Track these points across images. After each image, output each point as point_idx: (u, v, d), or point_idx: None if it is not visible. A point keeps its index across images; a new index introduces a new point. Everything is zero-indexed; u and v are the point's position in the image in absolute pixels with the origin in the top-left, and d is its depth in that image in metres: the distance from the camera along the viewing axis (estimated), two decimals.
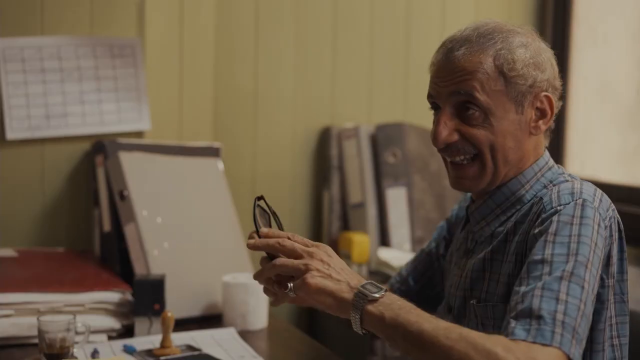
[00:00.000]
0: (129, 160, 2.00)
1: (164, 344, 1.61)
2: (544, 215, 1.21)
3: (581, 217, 1.19)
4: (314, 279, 1.20)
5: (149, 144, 2.09)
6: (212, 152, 2.18)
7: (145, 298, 1.76)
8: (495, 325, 1.25)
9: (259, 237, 1.28)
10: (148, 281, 1.78)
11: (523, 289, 1.14)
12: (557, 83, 1.33)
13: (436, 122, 1.30)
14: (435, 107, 1.33)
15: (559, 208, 1.20)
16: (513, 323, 1.11)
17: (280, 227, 1.33)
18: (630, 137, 2.53)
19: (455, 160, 1.31)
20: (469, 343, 1.08)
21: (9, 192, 2.08)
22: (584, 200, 1.21)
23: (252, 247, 1.27)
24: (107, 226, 2.01)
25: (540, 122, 1.30)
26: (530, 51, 1.29)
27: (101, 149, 2.03)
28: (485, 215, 1.34)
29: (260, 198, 1.33)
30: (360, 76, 2.51)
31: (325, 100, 2.48)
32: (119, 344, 1.67)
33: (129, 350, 1.62)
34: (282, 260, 1.24)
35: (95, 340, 1.68)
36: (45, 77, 2.09)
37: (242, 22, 2.37)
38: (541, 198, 1.26)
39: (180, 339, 1.69)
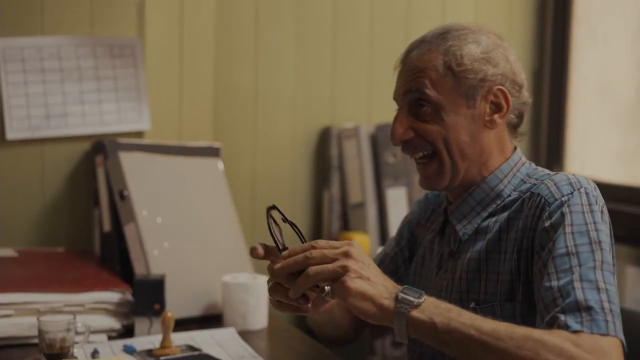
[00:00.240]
0: (129, 160, 2.00)
1: (164, 344, 1.61)
2: (550, 208, 1.22)
3: (589, 204, 1.21)
4: (354, 282, 1.12)
5: (149, 144, 2.09)
6: (212, 152, 2.18)
7: (145, 298, 1.76)
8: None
9: (280, 250, 1.20)
10: (148, 281, 1.78)
11: (556, 283, 1.14)
12: (519, 78, 1.35)
13: (393, 122, 1.35)
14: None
15: (564, 199, 1.22)
16: (562, 317, 1.10)
17: (302, 238, 1.25)
18: (630, 137, 2.53)
19: (416, 158, 1.35)
20: (536, 342, 1.06)
21: (9, 192, 2.08)
22: (585, 188, 1.23)
23: (279, 271, 1.16)
24: (107, 226, 2.01)
25: (496, 116, 1.33)
26: (482, 47, 1.32)
27: (101, 149, 2.03)
28: (466, 213, 1.35)
29: (273, 207, 1.23)
30: (361, 76, 2.51)
31: (325, 100, 2.48)
32: (119, 344, 1.67)
33: (129, 350, 1.62)
34: (315, 268, 1.14)
35: (95, 340, 1.68)
36: (45, 77, 2.09)
37: (242, 22, 2.37)
38: (537, 193, 1.26)
39: (180, 339, 1.69)
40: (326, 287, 1.14)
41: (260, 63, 2.40)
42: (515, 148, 1.38)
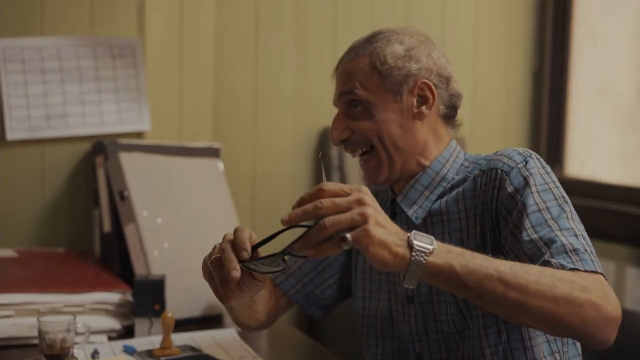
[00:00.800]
0: (129, 161, 2.00)
1: (164, 345, 1.60)
2: (510, 176, 1.28)
3: (543, 167, 1.30)
4: (376, 229, 1.08)
5: (149, 145, 2.09)
6: (212, 153, 2.18)
7: (146, 298, 1.75)
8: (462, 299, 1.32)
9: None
10: (148, 281, 1.78)
11: (536, 235, 1.21)
12: (444, 72, 1.41)
13: (332, 124, 1.44)
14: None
15: (520, 165, 1.29)
16: (554, 260, 1.16)
17: (326, 174, 1.27)
18: (630, 138, 2.53)
19: (356, 155, 1.43)
20: (551, 276, 1.11)
21: (9, 193, 2.08)
22: (534, 154, 1.32)
23: (288, 222, 1.12)
24: (107, 226, 2.01)
25: (423, 107, 1.40)
26: (405, 45, 1.41)
27: (101, 150, 2.03)
28: (415, 198, 1.42)
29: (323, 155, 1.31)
30: None
31: (325, 101, 2.47)
32: (119, 344, 1.67)
33: (129, 350, 1.62)
34: (332, 219, 1.07)
35: (96, 341, 1.68)
36: (46, 78, 2.09)
37: (242, 22, 2.37)
38: (492, 168, 1.32)
39: (180, 339, 1.69)
40: (347, 236, 1.08)
41: (260, 63, 2.40)
42: (451, 139, 1.46)
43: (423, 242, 1.11)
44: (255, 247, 1.19)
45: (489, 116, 2.67)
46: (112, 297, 1.77)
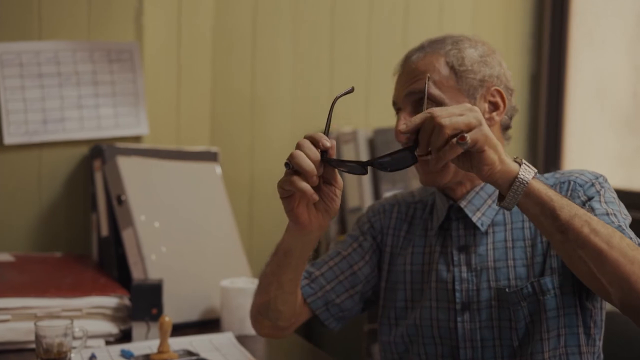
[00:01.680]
0: (126, 165, 2.00)
1: (161, 349, 1.60)
2: (584, 188, 1.34)
3: (609, 187, 1.36)
4: (490, 131, 1.15)
5: (146, 149, 2.09)
6: (210, 157, 2.18)
7: (143, 303, 1.75)
8: (527, 305, 1.33)
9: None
10: (146, 286, 1.78)
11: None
12: (510, 84, 1.44)
13: (397, 121, 1.41)
14: (399, 111, 1.43)
15: (594, 180, 1.35)
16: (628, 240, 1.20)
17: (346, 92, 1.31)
18: (628, 141, 2.53)
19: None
20: (633, 244, 1.15)
21: (6, 197, 2.08)
22: (603, 175, 1.38)
23: (406, 130, 1.15)
24: (104, 231, 2.01)
25: (494, 114, 1.41)
26: (479, 51, 1.41)
27: (99, 154, 2.03)
28: (479, 206, 1.41)
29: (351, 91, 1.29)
30: (358, 80, 2.51)
31: (322, 104, 2.48)
32: (117, 348, 1.66)
33: (126, 355, 1.62)
34: (449, 119, 1.12)
35: (93, 345, 1.68)
36: (43, 82, 2.09)
37: (240, 26, 2.37)
38: (567, 181, 1.36)
39: (177, 343, 1.68)
40: (466, 135, 1.12)
41: (258, 67, 2.40)
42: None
43: (529, 165, 1.18)
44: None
45: None
46: (110, 301, 1.77)
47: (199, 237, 2.01)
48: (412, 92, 1.38)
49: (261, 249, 2.38)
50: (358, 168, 1.20)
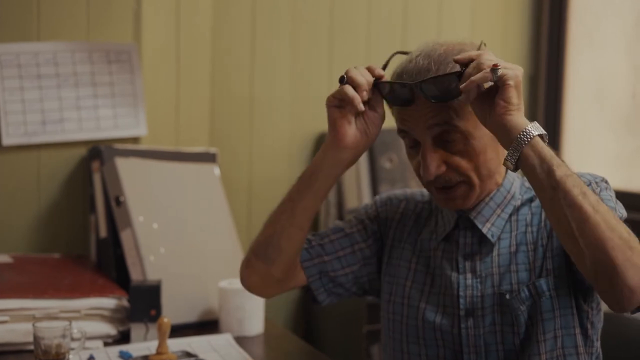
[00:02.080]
0: (125, 166, 2.00)
1: (160, 350, 1.60)
2: None
3: (608, 187, 1.37)
4: (520, 78, 1.22)
5: (145, 150, 2.09)
6: (208, 158, 2.18)
7: (141, 304, 1.75)
8: (526, 308, 1.33)
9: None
10: (144, 287, 1.78)
11: None
12: None
13: (423, 157, 1.34)
14: (414, 142, 1.36)
15: (592, 180, 1.35)
16: None
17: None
18: (627, 142, 2.53)
19: (443, 186, 1.37)
20: (620, 222, 1.17)
21: (4, 198, 2.08)
22: (604, 178, 1.38)
23: (459, 59, 1.25)
24: (103, 232, 2.01)
25: None
26: None
27: (97, 155, 2.03)
28: (489, 216, 1.40)
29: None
30: None
31: (321, 105, 2.46)
32: (115, 350, 1.66)
33: (125, 356, 1.62)
34: (490, 57, 1.22)
35: (91, 347, 1.68)
36: (42, 83, 2.09)
37: (239, 27, 2.37)
38: None
39: (176, 344, 1.68)
40: (500, 65, 1.20)
41: (256, 68, 2.40)
42: None
43: (539, 127, 1.22)
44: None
45: None
46: (108, 302, 1.77)
47: (198, 238, 2.01)
48: (435, 125, 1.31)
49: None
50: (405, 93, 1.30)
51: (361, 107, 1.30)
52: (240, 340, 1.77)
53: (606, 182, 1.38)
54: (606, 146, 2.61)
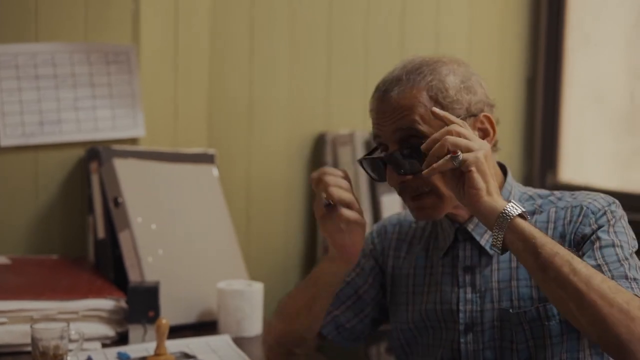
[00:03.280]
0: (123, 167, 1.99)
1: (158, 351, 1.60)
2: (596, 216, 1.34)
3: (621, 215, 1.36)
4: (486, 162, 1.21)
5: (143, 151, 2.09)
6: (206, 159, 2.18)
7: (140, 305, 1.75)
8: (530, 328, 1.32)
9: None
10: (142, 288, 1.77)
11: (602, 261, 1.27)
12: (490, 99, 1.41)
13: (388, 169, 1.36)
14: (385, 148, 1.38)
15: (607, 208, 1.34)
16: (616, 280, 1.22)
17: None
18: (624, 143, 2.54)
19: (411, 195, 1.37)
20: (616, 287, 1.17)
21: (2, 199, 2.08)
22: (615, 201, 1.38)
23: (425, 148, 1.24)
24: (101, 233, 2.00)
25: (485, 140, 1.36)
26: (459, 76, 1.36)
27: (95, 156, 2.03)
28: (487, 228, 1.36)
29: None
30: (355, 82, 2.51)
31: (320, 107, 2.48)
32: (113, 351, 1.66)
33: (123, 357, 1.62)
34: (453, 138, 1.21)
35: (89, 348, 1.68)
36: (40, 84, 2.08)
37: (237, 29, 2.37)
38: (575, 206, 1.36)
39: (174, 346, 1.68)
40: (459, 152, 1.19)
41: (255, 69, 2.40)
42: (502, 166, 1.44)
43: (517, 204, 1.21)
44: None
45: None
46: (106, 303, 1.76)
47: (196, 239, 2.01)
48: (399, 129, 1.33)
49: (258, 251, 2.38)
50: (374, 168, 1.36)
51: (364, 220, 1.34)
52: (239, 341, 1.77)
53: (617, 205, 1.37)
54: (604, 147, 2.61)
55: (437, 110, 1.26)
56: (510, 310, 1.33)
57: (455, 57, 1.40)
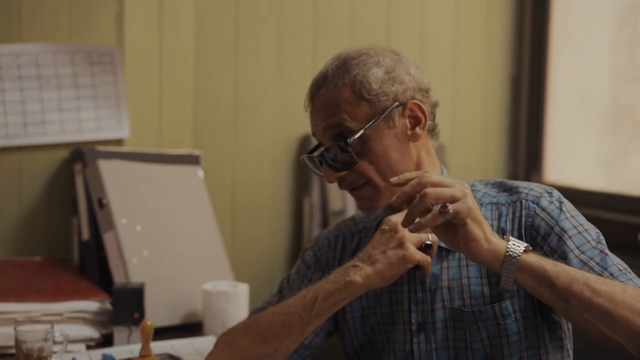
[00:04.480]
0: (108, 168, 1.99)
1: (143, 353, 1.59)
2: (539, 204, 1.32)
3: (560, 195, 1.36)
4: (475, 207, 1.16)
5: (128, 152, 2.08)
6: (192, 160, 2.18)
7: (125, 307, 1.74)
8: (485, 327, 1.31)
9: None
10: (127, 290, 1.77)
11: (584, 256, 1.26)
12: (423, 85, 1.39)
13: (325, 171, 1.37)
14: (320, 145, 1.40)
15: (545, 195, 1.33)
16: (623, 278, 1.22)
17: None
18: (609, 144, 2.55)
19: (350, 188, 1.38)
20: (636, 292, 1.15)
21: None
22: (553, 188, 1.36)
23: (395, 202, 1.19)
24: (85, 234, 2.00)
25: (417, 128, 1.37)
26: (384, 68, 1.36)
27: (80, 157, 2.02)
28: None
29: None
30: None
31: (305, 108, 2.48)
32: (98, 353, 1.66)
33: (107, 359, 1.61)
34: (434, 189, 1.15)
35: (74, 350, 1.67)
36: (23, 85, 2.07)
37: (222, 29, 2.37)
38: (514, 201, 1.34)
39: (160, 347, 1.68)
40: (449, 205, 1.14)
41: (240, 70, 2.39)
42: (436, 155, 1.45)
43: (517, 241, 1.18)
44: None
45: (469, 123, 2.69)
46: (91, 305, 1.76)
47: (181, 240, 2.01)
48: (329, 127, 1.35)
49: (243, 252, 2.37)
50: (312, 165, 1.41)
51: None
52: None
53: (553, 189, 1.36)
54: (589, 148, 2.63)
55: (394, 180, 1.21)
56: (464, 309, 1.32)
57: (384, 47, 1.41)
